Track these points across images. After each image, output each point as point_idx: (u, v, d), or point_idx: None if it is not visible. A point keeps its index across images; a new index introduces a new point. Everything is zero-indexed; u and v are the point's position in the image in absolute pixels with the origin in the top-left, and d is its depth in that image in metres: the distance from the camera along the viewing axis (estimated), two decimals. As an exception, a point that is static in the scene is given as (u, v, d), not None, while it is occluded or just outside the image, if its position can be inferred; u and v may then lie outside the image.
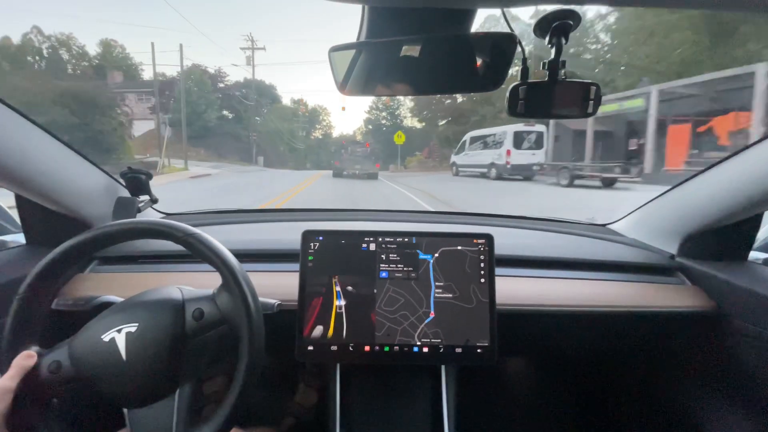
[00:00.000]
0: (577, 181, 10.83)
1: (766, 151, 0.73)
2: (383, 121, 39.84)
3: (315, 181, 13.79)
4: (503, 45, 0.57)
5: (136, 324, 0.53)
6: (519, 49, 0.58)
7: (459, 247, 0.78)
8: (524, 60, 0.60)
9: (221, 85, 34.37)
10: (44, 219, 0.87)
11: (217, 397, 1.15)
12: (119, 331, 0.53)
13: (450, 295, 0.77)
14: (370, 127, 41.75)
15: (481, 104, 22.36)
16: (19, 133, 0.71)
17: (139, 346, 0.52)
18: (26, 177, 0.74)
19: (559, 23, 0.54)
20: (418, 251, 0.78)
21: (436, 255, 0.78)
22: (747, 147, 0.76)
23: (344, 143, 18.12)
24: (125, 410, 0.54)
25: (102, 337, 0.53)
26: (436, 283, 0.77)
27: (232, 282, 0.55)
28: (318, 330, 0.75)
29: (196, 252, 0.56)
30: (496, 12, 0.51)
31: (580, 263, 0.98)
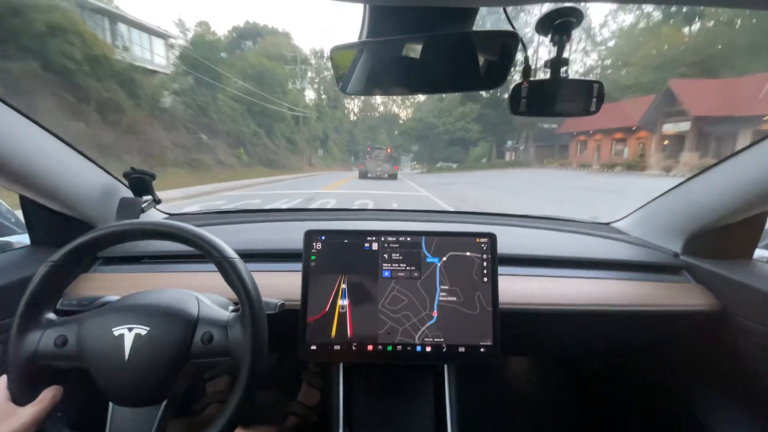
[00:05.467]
0: None
1: None
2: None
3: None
4: (505, 42, 0.57)
5: (147, 328, 0.54)
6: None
7: (468, 253, 0.78)
8: (526, 58, 0.60)
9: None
10: (48, 220, 0.88)
11: (220, 396, 1.16)
12: (130, 329, 0.53)
13: (454, 299, 0.76)
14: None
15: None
16: (23, 133, 0.72)
17: (143, 351, 0.53)
18: (30, 177, 0.75)
19: (561, 21, 0.53)
20: (426, 253, 0.78)
21: (444, 259, 0.78)
22: (752, 144, 0.75)
23: (369, 150, 18.89)
24: (109, 412, 0.54)
25: (113, 329, 0.53)
26: (442, 287, 0.77)
27: (249, 318, 0.55)
28: (321, 329, 0.75)
29: (226, 276, 0.57)
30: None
31: (584, 262, 0.97)
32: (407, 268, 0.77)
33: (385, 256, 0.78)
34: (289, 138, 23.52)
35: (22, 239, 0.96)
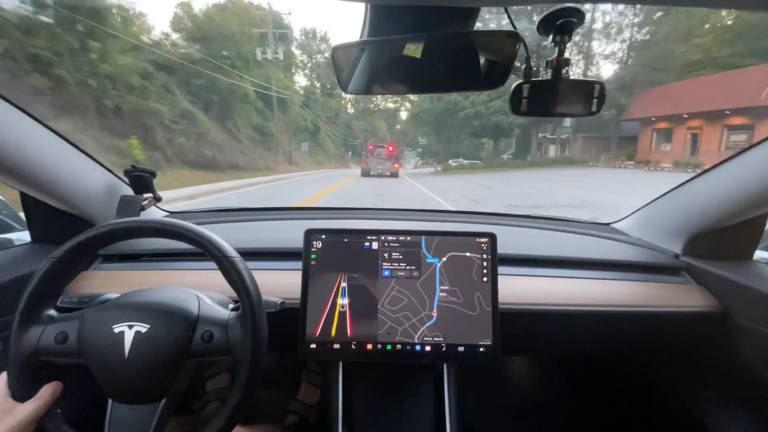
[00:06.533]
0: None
1: None
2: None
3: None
4: (506, 42, 0.57)
5: (148, 326, 0.54)
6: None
7: (468, 254, 0.78)
8: (527, 58, 0.60)
9: None
10: (49, 217, 0.88)
11: (220, 394, 1.16)
12: (130, 327, 0.53)
13: (454, 299, 0.76)
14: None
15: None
16: (25, 131, 0.72)
17: (143, 349, 0.53)
18: (31, 175, 0.75)
19: (562, 21, 0.53)
20: (426, 254, 0.78)
21: (444, 259, 0.78)
22: (753, 145, 0.75)
23: (371, 149, 18.98)
24: (108, 409, 0.55)
25: (113, 327, 0.53)
26: (441, 287, 0.77)
27: (249, 317, 0.56)
28: (321, 328, 0.75)
29: (226, 274, 0.57)
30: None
31: (584, 262, 0.97)
32: (407, 267, 0.78)
33: (385, 255, 0.78)
34: (259, 126, 16.41)
35: (23, 236, 0.97)
